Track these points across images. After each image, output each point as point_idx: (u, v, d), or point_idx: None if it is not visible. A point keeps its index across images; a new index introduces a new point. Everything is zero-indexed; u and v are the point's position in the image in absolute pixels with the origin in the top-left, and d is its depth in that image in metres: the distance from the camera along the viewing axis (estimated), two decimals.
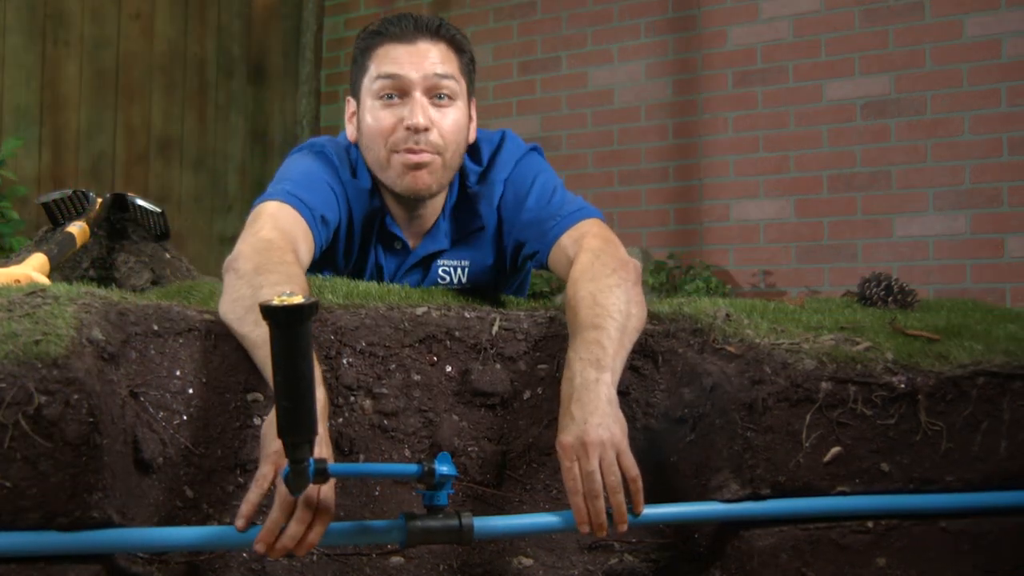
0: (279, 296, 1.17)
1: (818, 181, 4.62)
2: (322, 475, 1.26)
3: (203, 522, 1.45)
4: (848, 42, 4.55)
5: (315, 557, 1.49)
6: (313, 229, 1.72)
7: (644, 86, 5.10)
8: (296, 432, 1.20)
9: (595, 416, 1.40)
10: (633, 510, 1.41)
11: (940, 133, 4.34)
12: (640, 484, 1.41)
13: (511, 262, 1.94)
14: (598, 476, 1.38)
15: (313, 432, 1.22)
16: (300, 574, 1.48)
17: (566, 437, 1.40)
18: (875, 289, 1.95)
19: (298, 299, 1.16)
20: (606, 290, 1.57)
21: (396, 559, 1.53)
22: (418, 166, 1.80)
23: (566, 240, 1.76)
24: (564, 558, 1.59)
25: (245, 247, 1.57)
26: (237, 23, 5.87)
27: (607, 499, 1.39)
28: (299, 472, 1.23)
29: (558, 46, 5.35)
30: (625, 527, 1.40)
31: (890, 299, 1.93)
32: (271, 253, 1.55)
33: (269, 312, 1.16)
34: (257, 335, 1.41)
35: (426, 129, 1.79)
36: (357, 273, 1.94)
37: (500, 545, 1.57)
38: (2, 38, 4.94)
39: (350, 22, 6.10)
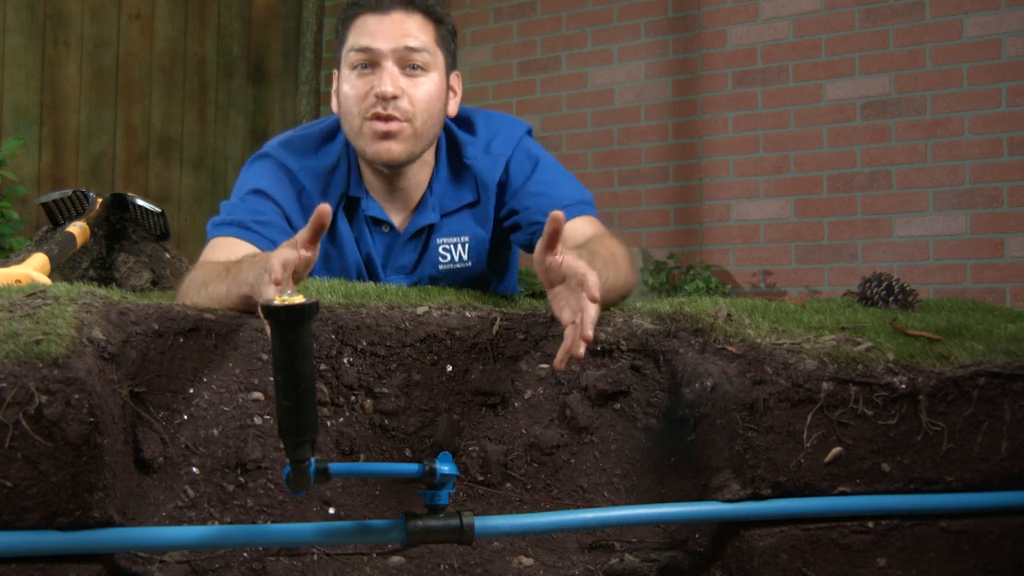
0: (280, 296, 1.17)
1: (818, 181, 4.62)
2: (323, 474, 1.26)
3: (203, 522, 1.45)
4: (848, 42, 4.55)
5: (315, 557, 1.49)
6: (252, 239, 1.79)
7: (644, 86, 5.10)
8: (297, 432, 1.20)
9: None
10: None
11: (940, 133, 4.34)
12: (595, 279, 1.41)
13: (505, 235, 1.97)
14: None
15: (314, 432, 1.22)
16: (301, 573, 1.48)
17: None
18: (876, 289, 1.95)
19: (299, 299, 1.16)
20: (621, 256, 1.69)
21: (396, 559, 1.52)
22: (387, 135, 1.83)
23: (569, 227, 1.80)
24: (564, 558, 1.59)
25: (188, 275, 1.69)
26: (237, 23, 5.87)
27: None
28: (300, 471, 1.23)
29: (558, 46, 5.35)
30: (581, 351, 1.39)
31: (891, 299, 1.93)
32: (201, 269, 1.67)
33: (270, 312, 1.16)
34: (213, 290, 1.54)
35: (395, 97, 1.81)
36: (342, 261, 1.94)
37: (500, 545, 1.57)
38: (2, 38, 4.94)
39: None
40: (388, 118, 1.82)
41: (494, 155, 1.92)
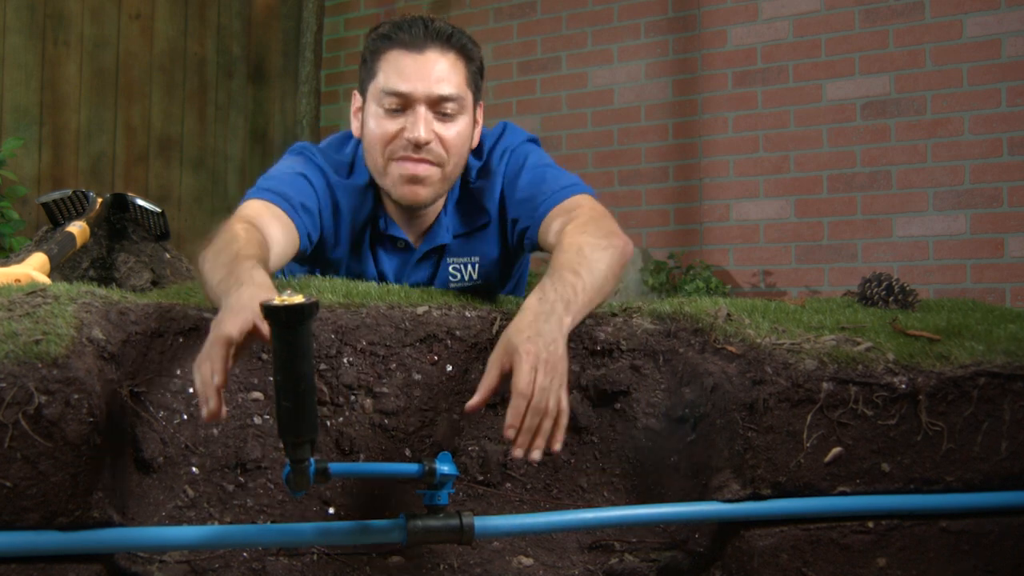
0: (280, 296, 1.17)
1: (818, 181, 4.62)
2: (322, 474, 1.26)
3: (203, 522, 1.45)
4: (848, 42, 4.55)
5: (315, 557, 1.49)
6: (292, 216, 1.75)
7: (644, 86, 5.10)
8: (296, 432, 1.20)
9: (558, 345, 1.40)
10: (550, 444, 1.38)
11: (940, 133, 4.34)
12: (566, 422, 1.38)
13: (513, 243, 1.95)
14: (550, 395, 1.36)
15: (314, 432, 1.22)
16: (300, 573, 1.48)
17: (532, 346, 1.37)
18: (876, 289, 1.95)
19: (299, 299, 1.16)
20: (596, 248, 1.59)
21: (396, 559, 1.52)
22: (415, 179, 1.81)
23: (556, 212, 1.77)
24: (564, 558, 1.59)
25: (213, 238, 1.60)
26: (237, 23, 5.86)
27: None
28: (300, 472, 1.23)
29: (558, 46, 5.35)
30: (538, 454, 1.36)
31: (891, 299, 1.93)
32: (228, 232, 1.59)
33: (270, 312, 1.16)
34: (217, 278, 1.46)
35: (427, 142, 1.79)
36: (360, 276, 1.94)
37: (500, 545, 1.57)
38: (2, 38, 4.93)
39: (350, 22, 6.10)
40: (419, 161, 1.80)
41: (493, 173, 1.91)
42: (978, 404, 1.60)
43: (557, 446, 1.38)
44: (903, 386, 1.57)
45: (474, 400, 1.37)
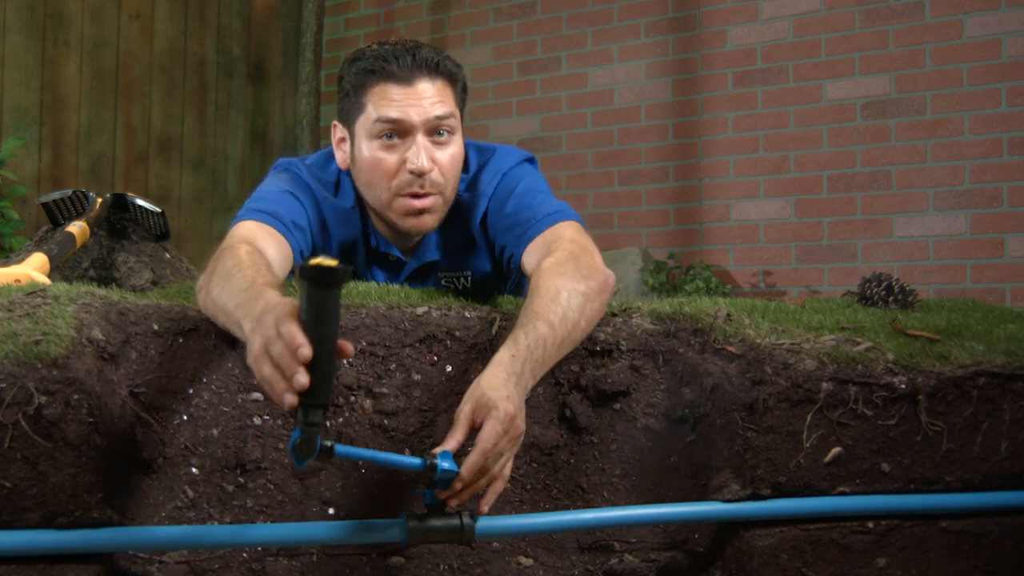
0: (315, 258, 1.19)
1: (818, 181, 4.62)
2: (327, 452, 1.27)
3: (202, 522, 1.45)
4: (848, 42, 4.55)
5: (315, 557, 1.49)
6: (285, 234, 1.74)
7: (644, 86, 5.10)
8: (312, 395, 1.21)
9: (522, 412, 1.41)
10: (480, 504, 1.39)
11: (940, 133, 4.34)
12: (500, 488, 1.40)
13: (501, 265, 1.94)
14: (502, 460, 1.38)
15: (328, 397, 1.23)
16: (300, 574, 1.48)
17: (509, 406, 1.37)
18: (875, 289, 1.95)
19: (332, 262, 1.18)
20: (573, 293, 1.57)
21: (396, 559, 1.52)
22: (422, 212, 1.82)
23: (540, 241, 1.74)
24: (564, 558, 1.59)
25: (210, 266, 1.59)
26: (237, 23, 5.86)
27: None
28: (308, 437, 1.23)
29: (558, 46, 5.35)
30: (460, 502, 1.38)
31: (890, 299, 1.93)
32: (233, 257, 1.57)
33: (305, 270, 1.18)
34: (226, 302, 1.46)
35: (430, 171, 1.79)
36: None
37: (500, 545, 1.57)
38: (2, 38, 4.93)
39: (350, 22, 6.10)
40: (424, 195, 1.80)
41: (478, 194, 1.90)
42: (978, 404, 1.60)
43: (486, 508, 1.39)
44: (903, 386, 1.57)
45: (449, 447, 1.37)
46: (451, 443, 1.37)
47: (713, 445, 1.57)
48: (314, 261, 1.19)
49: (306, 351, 1.19)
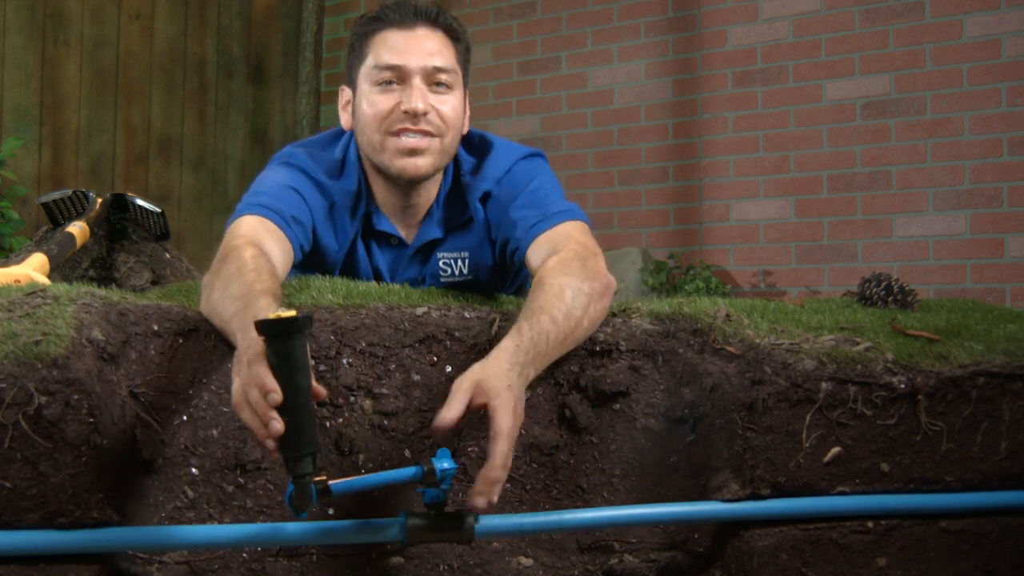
0: (274, 311, 1.18)
1: (818, 181, 4.62)
2: (324, 493, 1.25)
3: (203, 522, 1.45)
4: (848, 42, 4.55)
5: (315, 557, 1.49)
6: (285, 230, 1.74)
7: (644, 86, 5.10)
8: (296, 446, 1.20)
9: (522, 404, 1.40)
10: (487, 500, 1.35)
11: (940, 133, 4.34)
12: (503, 479, 1.37)
13: (504, 259, 1.94)
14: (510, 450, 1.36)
15: (314, 446, 1.21)
16: (300, 574, 1.48)
17: (511, 395, 1.36)
18: (875, 289, 1.95)
19: (291, 312, 1.17)
20: (578, 293, 1.57)
21: (396, 559, 1.52)
22: (414, 151, 1.81)
23: (547, 237, 1.75)
24: (564, 558, 1.59)
25: (214, 263, 1.60)
26: (237, 23, 5.86)
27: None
28: (302, 488, 1.22)
29: (558, 46, 5.35)
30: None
31: (890, 299, 1.93)
32: (237, 260, 1.57)
33: (263, 326, 1.17)
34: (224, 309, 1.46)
35: (425, 113, 1.80)
36: (354, 274, 1.94)
37: (500, 545, 1.57)
38: (2, 38, 4.93)
39: (350, 22, 6.10)
40: (418, 131, 1.80)
41: (482, 178, 1.90)
42: (977, 404, 1.60)
43: (495, 499, 1.36)
44: (902, 386, 1.57)
45: (445, 421, 1.34)
46: (451, 412, 1.34)
47: (713, 445, 1.57)
48: (272, 315, 1.17)
49: (276, 397, 1.19)
